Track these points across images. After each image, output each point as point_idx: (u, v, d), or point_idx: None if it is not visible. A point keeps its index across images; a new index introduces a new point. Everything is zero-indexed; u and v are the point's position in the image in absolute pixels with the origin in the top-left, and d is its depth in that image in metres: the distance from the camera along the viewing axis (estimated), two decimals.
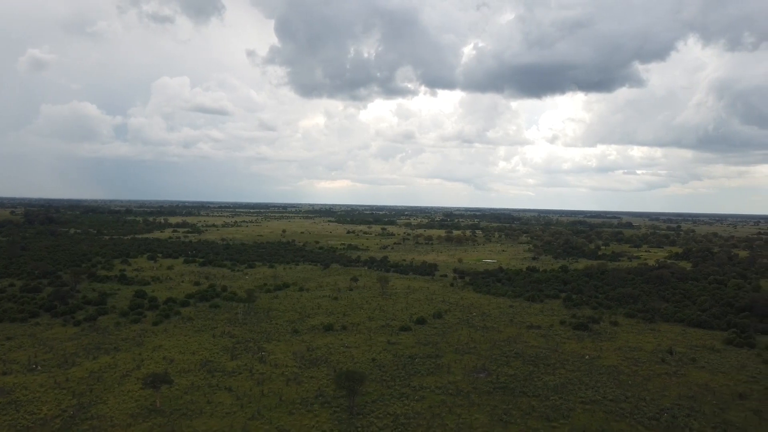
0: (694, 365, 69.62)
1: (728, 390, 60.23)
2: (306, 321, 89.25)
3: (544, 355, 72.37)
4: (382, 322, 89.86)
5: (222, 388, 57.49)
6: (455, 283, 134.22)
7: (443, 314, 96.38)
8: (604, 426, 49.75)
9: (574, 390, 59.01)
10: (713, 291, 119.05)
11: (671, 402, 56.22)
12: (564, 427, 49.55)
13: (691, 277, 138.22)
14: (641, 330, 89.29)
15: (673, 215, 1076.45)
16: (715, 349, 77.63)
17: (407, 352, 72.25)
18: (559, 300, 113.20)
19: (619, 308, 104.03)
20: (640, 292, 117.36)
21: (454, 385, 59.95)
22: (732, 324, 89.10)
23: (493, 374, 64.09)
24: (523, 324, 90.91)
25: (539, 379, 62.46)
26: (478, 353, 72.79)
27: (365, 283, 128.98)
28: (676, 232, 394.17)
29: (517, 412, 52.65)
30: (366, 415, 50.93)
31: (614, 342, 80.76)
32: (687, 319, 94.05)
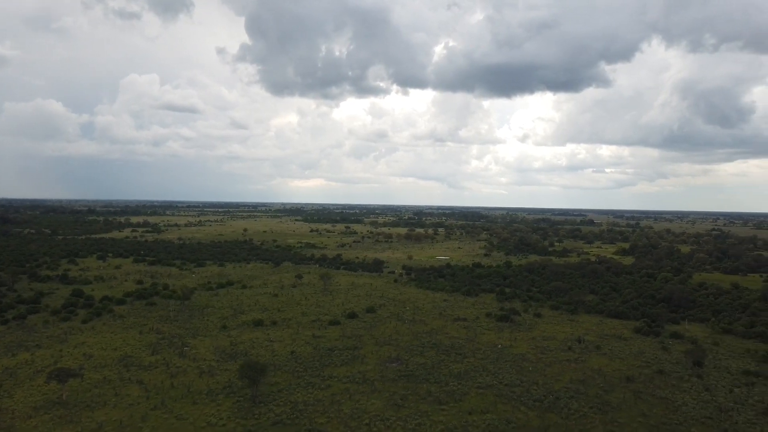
0: (597, 352, 74.10)
1: (619, 374, 64.61)
2: (238, 317, 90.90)
3: (459, 345, 75.87)
4: (315, 317, 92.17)
5: (134, 382, 58.95)
6: (399, 279, 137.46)
7: (377, 309, 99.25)
8: (491, 407, 53.23)
9: (475, 376, 62.50)
10: (641, 284, 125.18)
11: (562, 385, 60.18)
12: (453, 409, 52.81)
13: (626, 271, 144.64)
14: (561, 321, 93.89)
15: (641, 213, 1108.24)
16: (622, 338, 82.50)
17: (328, 345, 74.77)
18: (493, 294, 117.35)
19: (547, 301, 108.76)
20: (571, 286, 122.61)
21: (363, 374, 62.74)
22: (645, 314, 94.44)
23: (404, 363, 67.16)
24: (450, 317, 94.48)
25: (446, 367, 65.78)
26: (397, 345, 75.80)
27: (310, 281, 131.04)
28: (633, 229, 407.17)
29: (413, 397, 55.73)
30: (267, 403, 53.23)
31: (531, 332, 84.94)
32: (607, 311, 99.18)
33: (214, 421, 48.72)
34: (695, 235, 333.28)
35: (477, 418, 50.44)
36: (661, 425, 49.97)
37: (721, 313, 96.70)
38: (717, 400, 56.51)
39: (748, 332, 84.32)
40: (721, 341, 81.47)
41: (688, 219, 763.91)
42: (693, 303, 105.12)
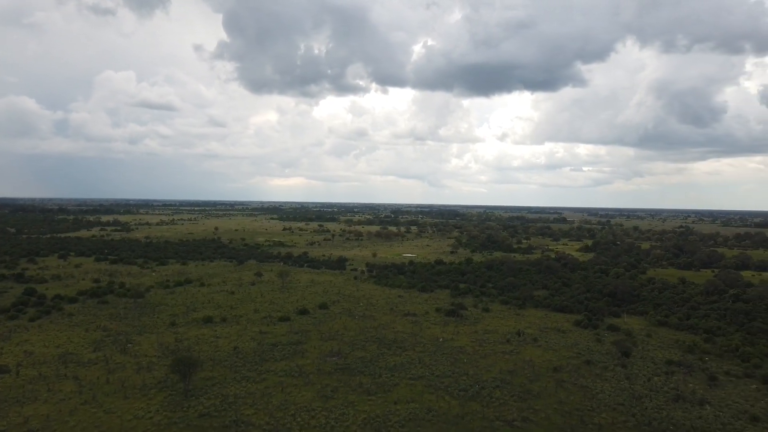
0: (533, 344, 76.91)
1: (548, 364, 67.37)
2: (190, 315, 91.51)
3: (402, 339, 77.91)
4: (266, 314, 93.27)
5: (69, 378, 59.49)
6: (359, 276, 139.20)
7: (330, 305, 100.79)
8: (416, 397, 55.30)
9: (410, 368, 64.54)
10: (592, 279, 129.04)
11: (491, 376, 62.62)
12: (380, 399, 54.74)
13: (581, 267, 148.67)
14: (508, 315, 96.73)
15: (617, 210, 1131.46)
16: (561, 330, 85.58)
17: (273, 341, 76.07)
18: (448, 290, 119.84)
19: (499, 296, 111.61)
20: (525, 282, 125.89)
21: (301, 368, 64.26)
22: (588, 308, 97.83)
23: (344, 357, 68.87)
24: (401, 312, 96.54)
25: (384, 360, 67.70)
26: (341, 339, 77.49)
27: (269, 278, 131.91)
28: (603, 226, 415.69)
29: (344, 388, 57.49)
30: (198, 396, 54.41)
31: (475, 326, 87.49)
32: (553, 305, 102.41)
33: (141, 414, 49.76)
34: (661, 232, 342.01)
35: (400, 407, 52.43)
36: (574, 411, 52.64)
37: (660, 307, 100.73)
38: (634, 388, 59.54)
39: (682, 324, 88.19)
40: (654, 333, 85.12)
41: (660, 217, 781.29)
42: (636, 297, 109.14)
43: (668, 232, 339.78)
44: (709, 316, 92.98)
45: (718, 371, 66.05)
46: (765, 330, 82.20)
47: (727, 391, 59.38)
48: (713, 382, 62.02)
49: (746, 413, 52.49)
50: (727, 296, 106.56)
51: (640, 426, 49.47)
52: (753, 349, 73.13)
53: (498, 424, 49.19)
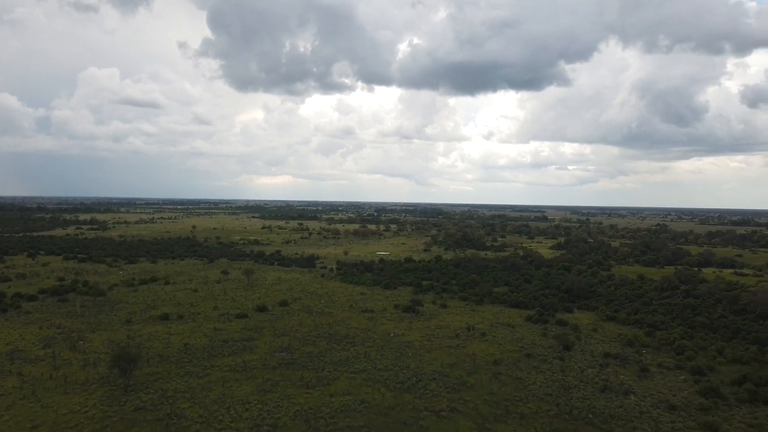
0: (481, 339, 79.00)
1: (490, 358, 69.44)
2: (148, 312, 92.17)
3: (353, 335, 79.52)
4: (225, 311, 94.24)
5: (13, 374, 60.09)
6: (326, 274, 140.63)
7: (290, 302, 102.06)
8: (353, 390, 56.93)
9: (354, 362, 66.15)
10: (554, 276, 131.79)
11: (432, 369, 64.48)
12: (318, 392, 56.28)
13: (546, 264, 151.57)
14: (464, 311, 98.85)
15: (601, 209, 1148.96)
16: (511, 325, 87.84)
17: (225, 337, 77.18)
18: (412, 287, 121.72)
19: (460, 293, 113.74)
20: (488, 279, 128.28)
21: (247, 363, 65.54)
22: (542, 304, 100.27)
23: (292, 353, 70.27)
24: (359, 309, 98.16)
25: (330, 355, 69.24)
26: (294, 335, 78.87)
27: (236, 276, 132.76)
28: (580, 224, 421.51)
29: (285, 382, 58.92)
30: (138, 391, 55.42)
31: (429, 322, 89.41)
32: (510, 301, 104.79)
33: (77, 409, 50.70)
34: (635, 230, 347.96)
35: (335, 400, 54.01)
36: (502, 401, 54.66)
37: (612, 302, 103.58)
38: (566, 379, 61.80)
39: (629, 319, 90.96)
40: (601, 327, 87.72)
41: (641, 215, 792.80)
42: (592, 293, 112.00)
43: (643, 230, 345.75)
44: (656, 311, 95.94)
45: (652, 363, 68.66)
46: (706, 324, 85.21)
47: (655, 382, 61.90)
48: (644, 373, 64.53)
49: (666, 402, 54.93)
50: (678, 292, 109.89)
51: (561, 414, 51.62)
52: (690, 343, 75.93)
53: (425, 414, 50.99)
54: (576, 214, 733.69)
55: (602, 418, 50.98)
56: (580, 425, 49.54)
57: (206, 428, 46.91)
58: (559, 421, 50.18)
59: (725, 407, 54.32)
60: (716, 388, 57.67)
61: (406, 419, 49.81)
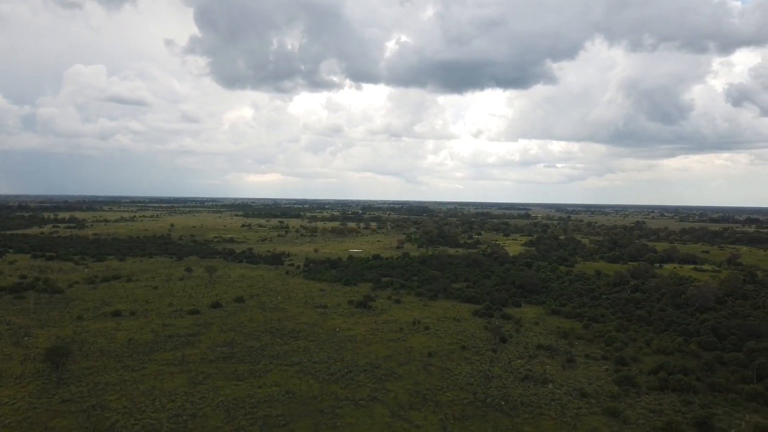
0: (424, 332, 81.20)
1: (426, 350, 71.64)
2: (102, 309, 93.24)
3: (299, 330, 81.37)
4: (179, 307, 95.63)
5: None
6: (291, 271, 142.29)
7: (247, 299, 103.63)
8: (282, 381, 58.82)
9: (291, 356, 68.01)
10: (514, 272, 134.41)
11: (367, 361, 66.51)
12: (247, 384, 58.07)
13: (509, 261, 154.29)
14: (417, 306, 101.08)
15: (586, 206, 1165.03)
16: (457, 319, 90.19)
17: (171, 332, 78.63)
18: (372, 283, 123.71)
19: (418, 288, 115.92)
20: (449, 275, 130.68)
21: (186, 357, 67.13)
22: (493, 299, 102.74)
23: (234, 347, 71.94)
24: (313, 305, 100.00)
25: (270, 349, 71.05)
26: (241, 330, 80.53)
27: (200, 274, 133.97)
28: (560, 222, 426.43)
29: (217, 375, 60.65)
30: (70, 384, 56.84)
31: (379, 317, 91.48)
32: (463, 296, 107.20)
33: (6, 401, 52.05)
34: (612, 227, 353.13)
35: (262, 391, 55.86)
36: (424, 391, 56.81)
37: (562, 297, 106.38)
38: (492, 370, 64.18)
39: (572, 313, 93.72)
40: (543, 321, 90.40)
41: (625, 212, 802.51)
42: (545, 288, 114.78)
43: (619, 227, 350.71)
44: (600, 305, 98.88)
45: (580, 354, 71.30)
46: (643, 317, 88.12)
47: (577, 372, 64.46)
48: (569, 363, 67.08)
49: (579, 390, 57.44)
50: (628, 287, 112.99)
51: (475, 402, 53.91)
52: (623, 335, 78.71)
53: (345, 404, 53.01)
54: (561, 212, 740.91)
55: (513, 405, 53.33)
56: (489, 412, 51.84)
57: (126, 418, 48.54)
58: (471, 408, 52.46)
59: (635, 395, 56.95)
60: (631, 377, 60.33)
61: (325, 408, 51.79)
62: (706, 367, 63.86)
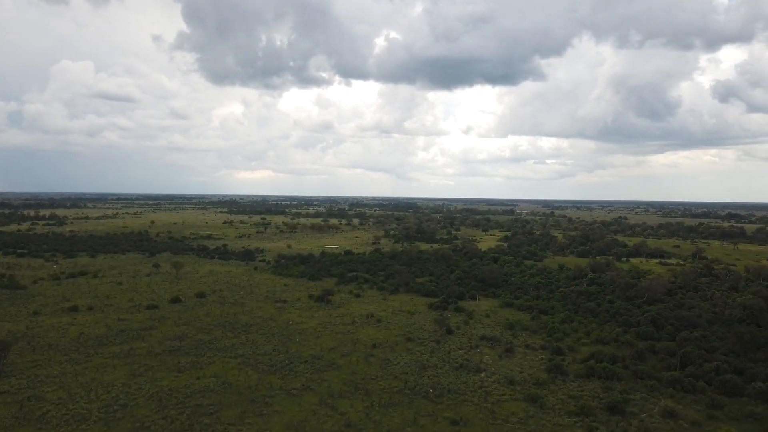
0: (376, 325, 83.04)
1: (372, 341, 73.43)
2: (60, 304, 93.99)
3: (253, 323, 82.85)
4: (139, 302, 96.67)
5: None
6: (260, 267, 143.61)
7: (209, 294, 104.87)
8: (222, 373, 60.30)
9: (237, 348, 69.49)
10: (480, 266, 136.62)
11: (311, 353, 68.16)
12: (186, 375, 59.49)
13: (478, 256, 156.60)
14: (376, 300, 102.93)
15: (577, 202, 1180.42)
16: (411, 312, 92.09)
17: (125, 327, 79.76)
18: (336, 278, 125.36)
19: (381, 283, 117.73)
20: (416, 269, 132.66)
21: (133, 350, 68.37)
22: (450, 292, 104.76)
23: (184, 340, 73.24)
24: (274, 299, 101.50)
25: (219, 342, 72.48)
26: (195, 325, 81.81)
27: (167, 270, 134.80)
28: (542, 217, 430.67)
29: (159, 367, 62.02)
30: (11, 377, 57.95)
31: (335, 310, 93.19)
32: (422, 290, 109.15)
33: None
34: (592, 222, 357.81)
35: (199, 382, 57.29)
36: (358, 380, 58.56)
37: (519, 290, 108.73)
38: (430, 360, 66.12)
39: (523, 305, 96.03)
40: (495, 313, 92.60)
41: (611, 208, 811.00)
42: (505, 282, 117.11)
43: (598, 222, 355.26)
44: (553, 297, 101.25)
45: (520, 345, 73.46)
46: (591, 309, 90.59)
47: (513, 361, 66.58)
48: (507, 353, 69.20)
49: (509, 378, 59.49)
50: (585, 280, 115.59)
51: (404, 390, 55.78)
52: (567, 326, 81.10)
53: (278, 393, 54.67)
54: (548, 208, 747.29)
55: (440, 392, 55.27)
56: (416, 399, 53.73)
57: (58, 408, 49.81)
58: (399, 396, 54.33)
59: (561, 382, 59.13)
60: (561, 365, 62.53)
61: (257, 397, 53.38)
62: (637, 356, 66.27)
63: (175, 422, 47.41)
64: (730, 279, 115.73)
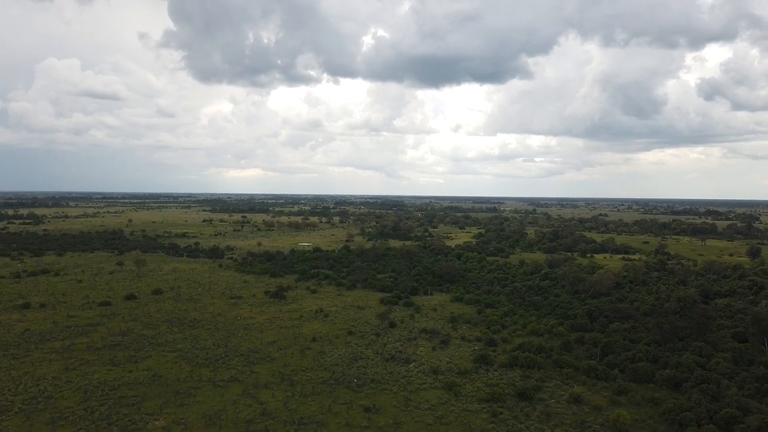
0: (323, 319, 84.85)
1: (313, 335, 75.14)
2: (14, 302, 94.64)
3: (202, 319, 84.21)
4: (94, 299, 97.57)
5: None
6: (224, 264, 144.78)
7: (166, 291, 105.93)
8: (156, 366, 61.71)
9: (178, 343, 70.91)
10: (443, 262, 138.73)
11: (250, 347, 69.75)
12: (120, 368, 60.82)
13: (444, 252, 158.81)
14: (331, 295, 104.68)
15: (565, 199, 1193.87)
16: (361, 307, 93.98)
17: (73, 323, 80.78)
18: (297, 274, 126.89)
19: (341, 279, 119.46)
20: (379, 266, 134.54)
21: (74, 345, 69.54)
22: (403, 288, 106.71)
23: (127, 336, 74.45)
24: (230, 295, 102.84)
25: (162, 337, 73.82)
26: (143, 320, 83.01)
27: (131, 267, 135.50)
28: (522, 215, 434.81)
29: (96, 361, 63.27)
30: None
31: (288, 306, 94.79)
32: (379, 286, 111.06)
33: None
34: (569, 218, 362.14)
35: (130, 375, 58.67)
36: (287, 372, 60.27)
37: (473, 285, 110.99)
38: (364, 352, 67.98)
39: (472, 299, 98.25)
40: (443, 307, 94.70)
41: (595, 205, 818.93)
42: (462, 277, 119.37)
43: (576, 219, 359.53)
44: (502, 292, 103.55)
45: (457, 337, 75.60)
46: (535, 303, 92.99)
47: (445, 352, 68.61)
48: (443, 345, 71.26)
49: (434, 368, 61.50)
50: (539, 275, 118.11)
51: (329, 381, 57.60)
52: (509, 319, 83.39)
53: (204, 384, 56.23)
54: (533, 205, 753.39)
55: (363, 382, 57.17)
56: (338, 388, 55.55)
57: None
58: (323, 386, 56.13)
59: (484, 371, 61.25)
60: (487, 356, 64.68)
61: (182, 389, 54.90)
62: (564, 346, 68.60)
63: (95, 413, 48.84)
64: (680, 273, 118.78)
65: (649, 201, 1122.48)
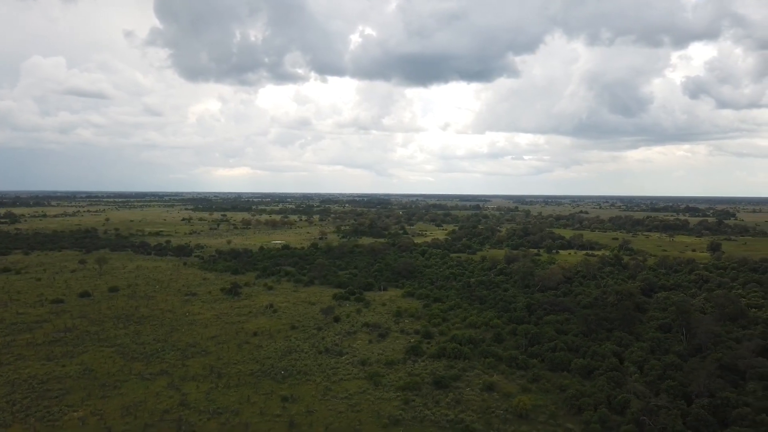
0: (271, 315, 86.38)
1: (255, 329, 76.67)
2: None
3: (151, 315, 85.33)
4: (48, 297, 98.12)
5: None
6: (191, 262, 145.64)
7: (122, 288, 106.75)
8: (91, 361, 62.88)
9: (120, 338, 72.06)
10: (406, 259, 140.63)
11: (188, 341, 71.05)
12: (54, 364, 61.88)
13: (410, 250, 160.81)
14: (287, 292, 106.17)
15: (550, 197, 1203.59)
16: (312, 303, 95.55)
17: (21, 320, 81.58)
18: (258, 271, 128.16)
19: (300, 275, 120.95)
20: (341, 263, 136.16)
21: (14, 342, 70.39)
22: (356, 284, 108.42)
23: (69, 332, 75.35)
24: (185, 292, 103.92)
25: (105, 333, 74.90)
26: (91, 317, 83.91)
27: (93, 266, 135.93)
28: (503, 212, 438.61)
29: (31, 357, 64.26)
30: None
31: (240, 302, 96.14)
32: (336, 282, 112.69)
33: None
34: (546, 216, 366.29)
35: (63, 369, 59.83)
36: (218, 365, 61.72)
37: (426, 280, 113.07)
38: (301, 345, 69.62)
39: (423, 294, 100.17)
40: (392, 302, 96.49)
41: (579, 203, 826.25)
42: (420, 273, 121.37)
43: (554, 216, 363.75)
44: (453, 287, 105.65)
45: (397, 330, 77.42)
46: (480, 297, 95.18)
47: (380, 345, 70.43)
48: (381, 338, 73.11)
49: (363, 360, 63.29)
50: (494, 270, 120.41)
51: (256, 373, 59.17)
52: (452, 313, 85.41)
53: (132, 378, 57.54)
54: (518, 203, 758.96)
55: (290, 373, 58.85)
56: (263, 380, 57.17)
57: None
58: (249, 378, 57.70)
59: (411, 362, 63.14)
60: (418, 348, 66.57)
61: (109, 382, 56.17)
62: (495, 338, 70.69)
63: (17, 405, 50.02)
64: (633, 268, 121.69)
65: (634, 198, 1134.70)
